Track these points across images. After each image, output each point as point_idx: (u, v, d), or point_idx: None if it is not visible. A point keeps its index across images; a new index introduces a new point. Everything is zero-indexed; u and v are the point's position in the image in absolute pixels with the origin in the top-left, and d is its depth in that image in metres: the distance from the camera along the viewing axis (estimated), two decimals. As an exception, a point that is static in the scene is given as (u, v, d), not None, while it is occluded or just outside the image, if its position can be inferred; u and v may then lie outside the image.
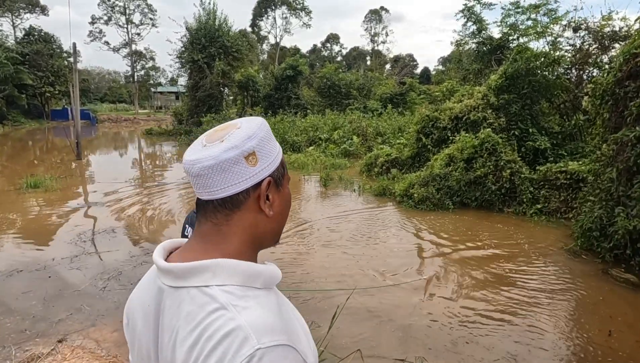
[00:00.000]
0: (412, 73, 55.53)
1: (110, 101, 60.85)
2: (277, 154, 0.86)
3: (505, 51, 14.31)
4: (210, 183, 0.79)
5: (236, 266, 0.77)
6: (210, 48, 25.09)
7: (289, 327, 0.74)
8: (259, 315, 0.72)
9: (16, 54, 36.08)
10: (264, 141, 0.83)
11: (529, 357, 3.76)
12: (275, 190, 0.84)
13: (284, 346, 0.70)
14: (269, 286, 0.81)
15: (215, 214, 0.81)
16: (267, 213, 0.82)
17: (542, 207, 8.16)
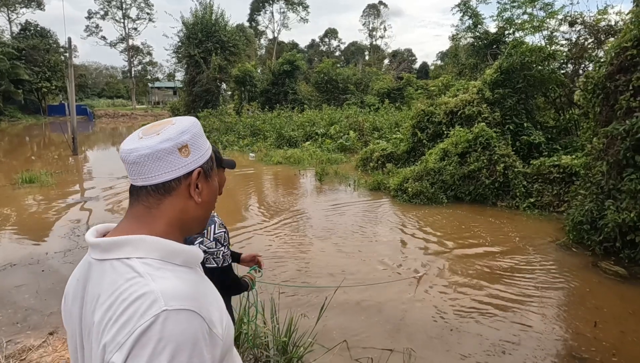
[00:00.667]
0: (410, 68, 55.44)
1: (107, 97, 60.71)
2: (208, 149, 0.98)
3: (501, 45, 14.31)
4: (145, 170, 0.88)
5: (157, 242, 0.86)
6: (206, 43, 25.03)
7: (201, 299, 0.83)
8: (172, 283, 0.80)
9: (12, 49, 35.94)
10: (196, 136, 0.94)
11: (516, 347, 3.80)
12: (204, 180, 0.96)
13: (190, 312, 0.78)
14: (190, 264, 0.91)
15: (147, 198, 0.90)
16: (196, 199, 0.93)
17: (535, 201, 8.21)
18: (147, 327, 0.74)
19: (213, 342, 0.82)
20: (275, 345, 3.51)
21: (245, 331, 3.41)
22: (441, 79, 14.34)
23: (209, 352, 0.80)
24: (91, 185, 11.45)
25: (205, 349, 0.79)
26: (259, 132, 19.64)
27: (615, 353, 3.63)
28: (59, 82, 39.98)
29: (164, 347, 0.73)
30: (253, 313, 3.48)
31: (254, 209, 8.86)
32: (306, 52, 70.70)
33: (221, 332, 0.85)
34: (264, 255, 3.10)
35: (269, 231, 7.31)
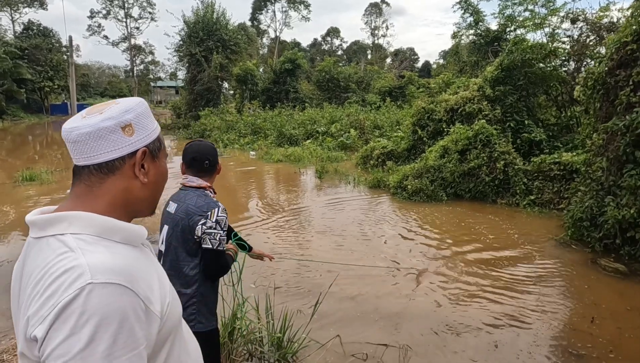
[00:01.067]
0: (413, 67, 55.34)
1: (110, 96, 60.78)
2: (154, 130, 0.98)
3: (502, 42, 14.25)
4: (86, 149, 0.87)
5: (93, 218, 0.85)
6: (208, 41, 25.00)
7: (135, 274, 0.81)
8: (103, 258, 0.79)
9: (15, 48, 36.02)
10: (141, 116, 0.94)
11: (513, 342, 3.76)
12: (150, 161, 0.96)
13: (119, 286, 0.76)
14: (132, 242, 0.90)
15: (89, 177, 0.89)
16: (142, 179, 0.93)
17: (536, 198, 8.16)
18: (70, 300, 0.72)
19: (149, 319, 0.81)
20: (270, 341, 3.49)
21: (239, 326, 3.39)
22: (442, 77, 14.30)
23: (142, 328, 0.78)
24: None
25: (138, 325, 0.77)
26: (260, 131, 19.63)
27: (612, 349, 3.59)
28: (62, 82, 40.09)
29: (86, 320, 0.72)
30: (246, 308, 3.47)
31: (254, 206, 8.84)
32: (308, 51, 70.66)
33: (159, 309, 0.84)
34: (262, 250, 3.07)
35: (268, 227, 7.30)
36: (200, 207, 2.02)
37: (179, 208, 2.07)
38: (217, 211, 2.04)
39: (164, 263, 2.06)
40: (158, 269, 0.94)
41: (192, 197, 2.07)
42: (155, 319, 0.82)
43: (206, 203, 2.05)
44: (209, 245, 2.00)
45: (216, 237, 2.01)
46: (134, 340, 0.76)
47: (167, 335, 0.89)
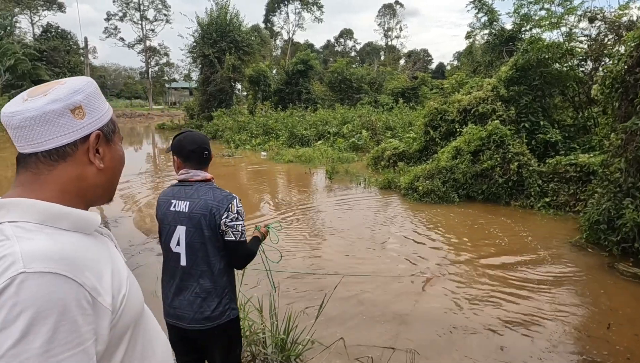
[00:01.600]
0: (426, 68, 54.92)
1: (125, 97, 61.73)
2: (107, 111, 0.90)
3: (517, 42, 13.99)
4: (32, 135, 0.79)
5: (34, 204, 0.78)
6: (221, 43, 25.14)
7: (81, 263, 0.74)
8: (40, 245, 0.72)
9: (34, 50, 36.79)
10: (91, 96, 0.86)
11: (525, 348, 3.63)
12: (105, 144, 0.89)
13: (58, 275, 0.69)
14: (82, 230, 0.83)
15: (37, 165, 0.81)
16: (98, 165, 0.86)
17: (551, 200, 7.95)
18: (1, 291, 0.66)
19: (97, 312, 0.74)
20: (273, 342, 3.42)
21: (242, 327, 3.33)
22: (455, 77, 14.10)
23: (88, 322, 0.71)
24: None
25: (82, 318, 0.70)
26: (272, 132, 19.65)
27: (629, 357, 3.43)
28: (79, 83, 40.78)
29: (19, 313, 0.65)
30: (248, 309, 3.41)
31: (263, 205, 8.81)
32: (321, 52, 70.72)
33: (110, 301, 0.77)
34: (271, 248, 2.98)
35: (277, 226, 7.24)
36: (220, 201, 1.98)
37: (194, 205, 1.98)
38: (236, 202, 2.03)
39: (187, 264, 1.99)
40: (115, 258, 0.87)
41: (206, 191, 2.01)
42: (105, 312, 0.75)
43: (224, 196, 2.01)
44: (232, 237, 1.98)
45: (238, 228, 2.00)
46: (77, 335, 0.69)
47: (124, 329, 0.82)
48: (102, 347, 0.75)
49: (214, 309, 2.00)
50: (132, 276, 0.92)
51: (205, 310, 1.99)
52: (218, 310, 2.01)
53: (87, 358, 0.70)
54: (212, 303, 2.00)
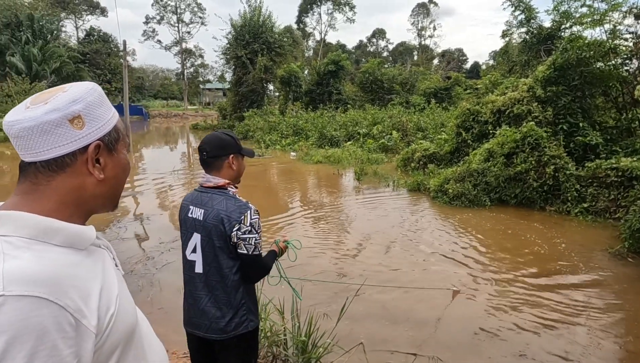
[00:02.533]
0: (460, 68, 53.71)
1: (162, 98, 63.66)
2: (110, 119, 0.88)
3: (556, 40, 13.42)
4: (31, 144, 0.78)
5: (29, 219, 0.76)
6: (253, 44, 25.50)
7: (66, 283, 0.72)
8: (24, 265, 0.70)
9: (77, 53, 38.59)
10: (92, 105, 0.84)
11: (555, 360, 3.47)
12: (107, 154, 0.87)
13: (38, 298, 0.67)
14: (75, 245, 0.80)
15: (36, 175, 0.80)
16: (97, 176, 0.84)
17: (589, 206, 7.58)
18: None
19: (80, 334, 0.72)
20: (294, 344, 3.42)
21: (262, 327, 3.35)
22: (489, 77, 13.68)
23: (70, 345, 0.70)
24: (141, 180, 11.98)
25: (63, 342, 0.68)
26: (302, 132, 19.75)
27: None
28: (118, 84, 42.46)
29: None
30: (269, 309, 3.43)
31: (290, 205, 8.85)
32: (353, 53, 70.49)
33: (95, 323, 0.75)
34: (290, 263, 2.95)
35: (302, 226, 7.26)
36: (232, 212, 1.89)
37: (207, 213, 1.93)
38: (249, 214, 1.91)
39: (203, 272, 1.97)
40: (107, 274, 0.85)
41: (220, 201, 1.94)
42: (89, 335, 0.73)
43: (237, 206, 1.92)
44: (244, 251, 1.91)
45: (251, 242, 1.91)
46: (57, 360, 0.67)
47: (113, 348, 0.80)
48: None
49: (229, 321, 1.95)
50: (125, 290, 0.90)
51: (221, 322, 1.95)
52: (234, 322, 1.96)
53: None
54: (227, 315, 1.95)
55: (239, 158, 2.04)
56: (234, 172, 2.03)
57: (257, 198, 9.89)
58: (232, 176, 2.03)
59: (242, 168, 2.09)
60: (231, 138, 2.03)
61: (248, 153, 2.11)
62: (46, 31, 34.99)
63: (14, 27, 32.80)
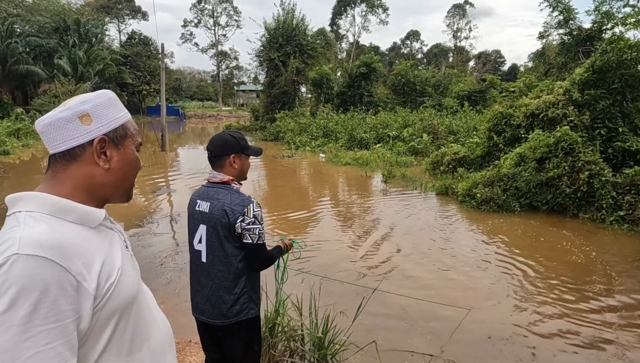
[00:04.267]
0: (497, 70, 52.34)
1: (198, 99, 65.40)
2: (118, 118, 1.03)
3: (596, 42, 12.92)
4: (50, 138, 0.95)
5: (48, 198, 0.92)
6: (286, 47, 25.84)
7: (72, 251, 0.86)
8: (38, 232, 0.84)
9: (119, 56, 40.25)
10: (100, 105, 0.99)
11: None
12: (113, 148, 1.01)
13: (45, 259, 0.81)
14: (86, 223, 0.95)
15: (55, 164, 0.97)
16: (102, 166, 0.98)
17: (626, 214, 7.28)
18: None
19: (80, 295, 0.85)
20: (311, 340, 3.51)
21: (280, 322, 3.45)
22: (522, 80, 13.31)
23: (70, 302, 0.82)
24: (175, 179, 12.42)
25: (63, 298, 0.81)
26: (331, 134, 19.85)
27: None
28: (157, 85, 43.89)
29: (7, 288, 0.77)
30: (287, 305, 3.52)
31: (317, 204, 8.96)
32: (387, 54, 70.00)
33: (94, 286, 0.88)
34: (317, 252, 2.97)
35: (327, 225, 7.34)
36: (236, 205, 2.04)
37: (213, 206, 2.08)
38: (252, 207, 2.06)
39: (207, 262, 2.11)
40: (113, 251, 0.98)
41: (225, 195, 2.09)
42: (88, 295, 0.86)
43: (241, 200, 2.07)
44: (249, 240, 2.05)
45: (255, 232, 2.05)
46: (57, 312, 0.80)
47: (111, 313, 0.93)
48: (85, 325, 0.86)
49: (231, 307, 2.09)
50: (131, 269, 1.03)
51: (223, 308, 2.09)
52: (235, 309, 2.10)
53: (65, 332, 0.81)
54: (228, 301, 2.09)
55: (241, 157, 2.18)
56: (236, 170, 2.17)
57: (285, 197, 10.06)
58: (235, 173, 2.17)
59: (246, 166, 2.23)
60: (234, 139, 2.17)
61: (253, 152, 2.25)
62: (91, 35, 36.71)
63: (62, 32, 34.61)
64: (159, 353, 1.08)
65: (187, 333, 2.43)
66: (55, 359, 0.79)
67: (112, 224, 1.07)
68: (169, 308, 4.49)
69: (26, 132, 20.63)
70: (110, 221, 1.06)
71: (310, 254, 6.06)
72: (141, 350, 1.02)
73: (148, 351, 1.04)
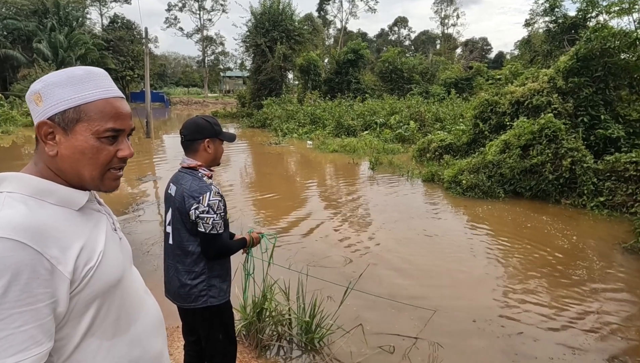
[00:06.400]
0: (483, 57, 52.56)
1: (184, 85, 64.38)
2: (66, 101, 0.91)
3: (581, 30, 13.04)
4: None
5: (31, 179, 0.90)
6: (273, 32, 25.54)
7: (48, 233, 0.84)
8: (14, 214, 0.82)
9: (102, 40, 39.25)
10: (52, 85, 0.91)
11: (554, 348, 3.51)
12: (62, 133, 0.92)
13: (17, 242, 0.79)
14: (68, 205, 0.93)
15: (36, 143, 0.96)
16: (47, 151, 0.92)
17: (606, 200, 7.46)
18: None
19: (55, 278, 0.83)
20: (298, 325, 3.55)
21: (267, 307, 3.48)
22: (508, 67, 13.40)
23: (44, 285, 0.81)
24: (161, 165, 12.27)
25: (36, 282, 0.80)
26: (319, 121, 19.78)
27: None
28: (141, 71, 42.95)
29: None
30: (275, 290, 3.55)
31: (305, 192, 8.97)
32: (375, 41, 69.63)
33: (70, 269, 0.86)
34: (305, 239, 3.01)
35: (314, 212, 7.36)
36: (193, 191, 2.01)
37: (177, 191, 2.08)
38: (208, 195, 2.00)
39: (172, 244, 2.13)
40: (96, 234, 0.96)
41: (187, 180, 2.07)
42: (63, 279, 0.84)
43: (199, 186, 2.03)
44: (202, 229, 2.01)
45: (209, 222, 2.00)
46: (29, 295, 0.78)
47: (92, 297, 0.91)
48: (62, 309, 0.85)
49: (188, 291, 2.09)
50: (118, 252, 1.02)
51: (181, 291, 2.11)
52: (193, 295, 2.09)
53: (38, 316, 0.80)
54: (186, 286, 2.09)
55: (215, 142, 2.15)
56: (210, 155, 2.15)
57: (273, 185, 10.04)
58: (208, 158, 2.15)
59: (219, 152, 2.21)
60: (208, 123, 2.14)
61: (227, 138, 2.23)
62: (72, 18, 35.68)
63: (40, 14, 33.57)
64: (147, 337, 1.07)
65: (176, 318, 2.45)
66: (27, 342, 0.78)
67: (101, 206, 1.04)
68: (155, 295, 4.46)
69: (6, 118, 20.10)
70: (97, 203, 1.03)
71: (298, 240, 6.10)
72: (127, 333, 1.01)
73: (135, 334, 1.03)
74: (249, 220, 6.91)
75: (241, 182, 10.41)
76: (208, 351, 2.28)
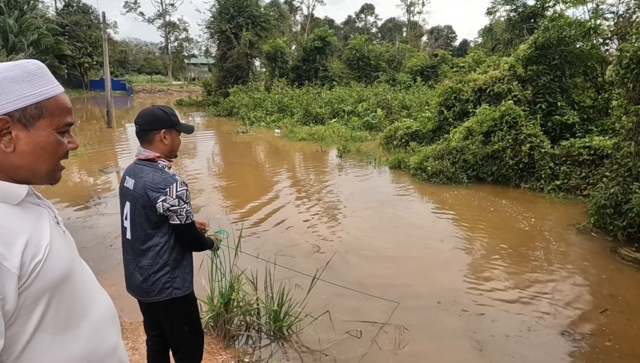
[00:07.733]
0: (449, 45, 53.46)
1: (146, 73, 62.15)
2: (31, 96, 0.90)
3: (539, 19, 13.48)
4: None
5: None
6: (238, 18, 24.99)
7: None
8: None
9: (56, 25, 37.21)
10: (7, 80, 0.88)
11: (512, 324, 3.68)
12: (22, 129, 0.90)
13: None
14: (7, 200, 0.90)
15: None
16: (3, 148, 0.89)
17: (561, 184, 7.83)
18: None
19: (1, 274, 0.81)
20: (267, 313, 3.57)
21: (235, 298, 3.47)
22: (471, 55, 13.72)
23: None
24: (125, 157, 11.88)
25: None
26: (286, 109, 19.64)
27: (612, 338, 3.46)
28: (100, 58, 41.10)
29: None
30: (242, 281, 3.54)
31: (274, 181, 8.93)
32: (342, 28, 69.39)
33: (17, 265, 0.84)
34: (274, 228, 3.02)
35: (283, 202, 7.36)
36: (157, 184, 1.96)
37: (136, 184, 2.01)
38: (175, 186, 1.97)
39: (131, 239, 2.08)
40: (40, 228, 0.94)
41: (148, 172, 2.01)
42: (10, 275, 0.82)
43: (163, 178, 1.97)
44: (176, 221, 1.99)
45: (182, 212, 1.99)
46: None
47: (41, 292, 0.89)
48: (10, 306, 0.83)
49: (152, 285, 2.06)
50: (63, 245, 0.99)
51: (144, 285, 2.07)
52: (157, 287, 2.06)
53: None
54: (149, 280, 2.06)
55: (172, 133, 2.09)
56: (166, 146, 2.09)
57: (242, 175, 9.94)
58: (164, 150, 2.08)
59: (177, 143, 2.14)
60: (165, 113, 2.08)
61: (185, 129, 2.16)
62: (21, 1, 33.63)
63: (-14, -3, 31.47)
64: (100, 330, 1.06)
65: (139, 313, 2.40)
66: None
67: (40, 200, 1.01)
68: (120, 289, 4.35)
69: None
70: (37, 197, 1.01)
71: (266, 229, 6.09)
72: (79, 326, 0.99)
73: (87, 328, 1.01)
74: (216, 210, 6.82)
75: (208, 172, 10.23)
76: (174, 344, 2.26)
